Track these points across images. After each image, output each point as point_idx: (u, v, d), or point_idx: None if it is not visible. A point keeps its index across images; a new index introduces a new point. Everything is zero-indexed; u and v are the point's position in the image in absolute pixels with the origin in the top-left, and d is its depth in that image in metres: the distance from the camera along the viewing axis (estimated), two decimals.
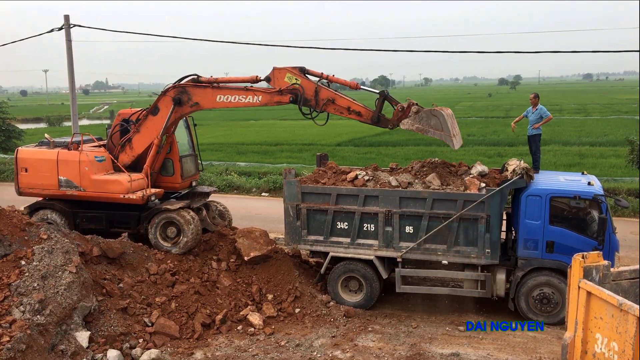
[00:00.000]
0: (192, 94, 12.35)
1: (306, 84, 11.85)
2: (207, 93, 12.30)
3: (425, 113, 11.15)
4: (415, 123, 11.18)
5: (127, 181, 12.18)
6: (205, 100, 12.35)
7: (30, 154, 12.81)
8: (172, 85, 12.57)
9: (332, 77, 12.00)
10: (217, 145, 39.17)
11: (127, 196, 12.17)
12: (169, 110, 12.41)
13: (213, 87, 12.31)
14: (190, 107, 12.46)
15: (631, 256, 14.24)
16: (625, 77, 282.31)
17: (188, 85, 12.39)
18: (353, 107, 11.73)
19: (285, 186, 12.20)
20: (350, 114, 11.76)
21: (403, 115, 11.41)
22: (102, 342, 9.54)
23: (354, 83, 12.28)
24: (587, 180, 11.53)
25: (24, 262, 9.71)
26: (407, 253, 11.56)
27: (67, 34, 19.73)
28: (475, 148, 35.46)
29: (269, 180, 24.83)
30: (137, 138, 12.78)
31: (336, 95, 11.79)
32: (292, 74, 11.87)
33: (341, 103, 11.75)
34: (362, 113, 11.73)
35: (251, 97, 12.13)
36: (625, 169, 24.60)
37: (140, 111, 13.03)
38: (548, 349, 9.99)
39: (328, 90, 11.85)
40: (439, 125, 11.04)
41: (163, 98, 12.51)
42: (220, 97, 12.25)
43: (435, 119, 11.04)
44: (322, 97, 11.75)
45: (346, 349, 10.07)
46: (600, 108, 70.95)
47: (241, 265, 12.32)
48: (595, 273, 6.91)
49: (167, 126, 12.54)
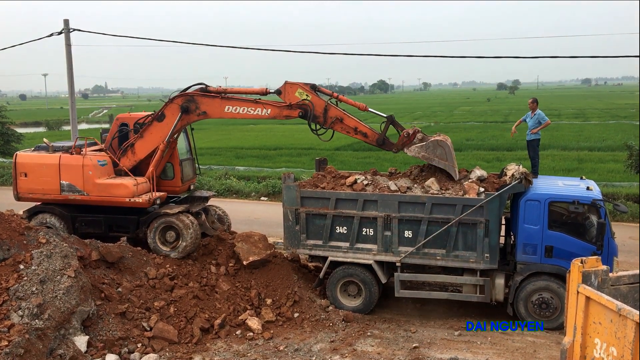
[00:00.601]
0: (200, 103, 12.40)
1: (316, 101, 12.07)
2: (216, 103, 12.37)
3: (432, 143, 11.69)
4: (422, 151, 11.71)
5: (133, 185, 12.17)
6: (214, 110, 12.42)
7: (30, 158, 12.72)
8: (180, 93, 12.62)
9: (342, 97, 12.44)
10: (216, 150, 39.16)
11: (134, 200, 12.15)
12: (175, 118, 12.45)
13: (222, 97, 12.39)
14: (198, 116, 12.50)
15: (630, 261, 14.25)
16: (624, 82, 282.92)
17: (196, 94, 12.45)
18: (360, 128, 12.11)
19: (285, 190, 12.21)
20: (356, 134, 12.14)
21: (408, 140, 11.92)
22: (100, 347, 9.52)
23: (363, 105, 12.54)
24: (585, 185, 11.56)
25: (23, 267, 9.70)
26: (406, 258, 11.57)
27: (66, 38, 19.78)
28: (474, 153, 35.46)
29: (268, 185, 24.84)
30: (140, 143, 12.78)
31: (345, 115, 12.08)
32: (303, 89, 12.09)
33: (349, 123, 12.08)
34: (368, 135, 12.13)
35: (260, 109, 12.23)
36: (624, 174, 24.62)
37: (146, 116, 13.03)
38: (547, 353, 9.98)
39: (337, 110, 12.12)
40: (444, 155, 11.70)
41: (170, 105, 12.53)
42: (228, 108, 12.33)
43: (440, 149, 11.68)
44: (330, 115, 12.03)
45: (345, 354, 10.06)
46: (598, 113, 71.07)
47: (240, 269, 12.32)
48: (594, 278, 6.91)
49: (172, 133, 12.57)
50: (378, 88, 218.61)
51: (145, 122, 12.81)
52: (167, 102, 12.66)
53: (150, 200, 12.27)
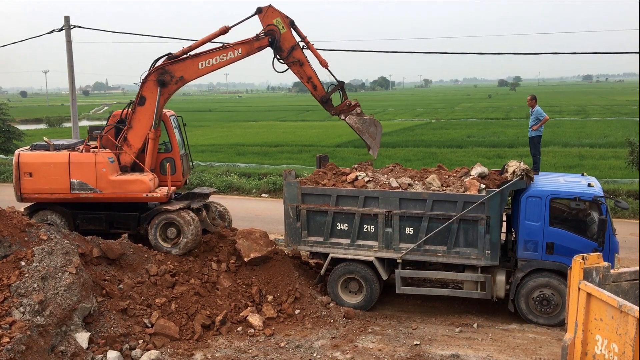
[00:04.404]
0: (174, 71, 12.33)
1: (288, 36, 12.26)
2: (188, 64, 12.33)
3: (369, 119, 12.65)
4: (358, 123, 12.56)
5: (149, 180, 12.14)
6: (189, 72, 12.36)
7: (35, 158, 12.32)
8: (150, 69, 12.46)
9: (311, 45, 12.54)
10: (216, 147, 39.18)
11: (151, 195, 12.11)
12: (155, 95, 12.35)
13: (192, 56, 12.32)
14: (176, 84, 12.43)
15: (631, 258, 14.24)
16: (625, 79, 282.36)
17: (166, 64, 12.36)
18: (313, 79, 12.46)
19: (286, 187, 12.20)
20: (308, 83, 12.51)
21: (347, 109, 12.53)
22: (101, 343, 9.54)
23: (325, 61, 12.60)
24: (587, 181, 11.55)
25: (24, 263, 9.71)
26: (407, 254, 11.57)
27: (67, 35, 19.74)
28: (475, 149, 35.47)
29: (269, 182, 24.85)
30: (131, 134, 12.67)
31: (306, 62, 12.42)
32: (282, 20, 12.20)
33: (306, 70, 12.41)
34: (317, 88, 12.53)
35: (232, 52, 12.27)
36: (625, 171, 24.59)
37: (127, 106, 12.82)
38: (548, 350, 9.98)
39: (302, 54, 12.38)
40: (375, 134, 12.68)
41: (145, 85, 12.41)
42: (202, 64, 12.30)
43: (374, 127, 12.67)
44: (294, 55, 12.31)
45: (346, 350, 10.07)
46: (600, 109, 70.99)
47: (241, 266, 12.33)
48: (595, 274, 6.92)
49: (158, 111, 12.45)
50: (379, 85, 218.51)
51: (127, 114, 12.67)
52: (142, 83, 12.47)
53: (168, 194, 12.24)
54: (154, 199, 12.22)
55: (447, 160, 27.79)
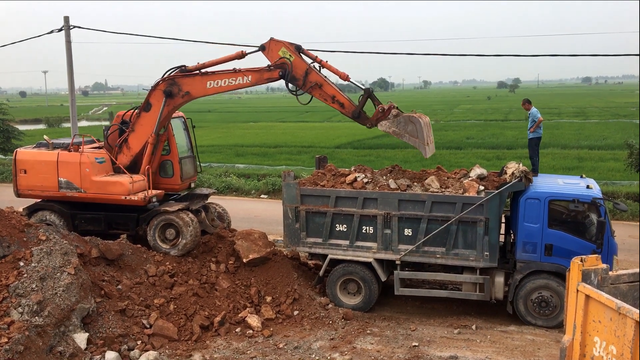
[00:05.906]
0: (182, 84, 12.35)
1: (298, 62, 11.87)
2: (197, 81, 12.33)
3: (403, 118, 11.41)
4: (392, 126, 11.47)
5: (129, 182, 12.18)
6: (196, 89, 12.37)
7: (29, 155, 12.80)
8: (161, 78, 12.53)
9: (325, 62, 12.06)
10: (216, 147, 39.15)
11: (129, 198, 12.16)
12: (161, 104, 12.40)
13: (202, 74, 12.31)
14: (182, 98, 12.43)
15: (629, 260, 14.25)
16: (624, 81, 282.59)
17: (177, 76, 12.40)
18: (338, 97, 11.85)
19: (285, 188, 12.20)
20: (333, 103, 11.87)
21: (382, 116, 11.62)
22: (100, 344, 9.53)
23: (345, 74, 12.13)
24: (585, 183, 11.56)
25: (23, 264, 9.70)
26: (406, 256, 11.57)
27: (66, 35, 19.74)
28: (474, 151, 35.46)
29: (268, 182, 24.85)
30: (133, 137, 12.76)
31: (325, 82, 11.90)
32: (287, 49, 11.89)
33: (327, 90, 11.88)
34: (345, 105, 11.86)
35: (241, 78, 12.15)
36: (624, 173, 24.61)
37: (132, 110, 13.01)
38: (546, 352, 9.98)
39: (318, 75, 11.93)
40: (414, 132, 11.33)
41: (154, 93, 12.49)
42: (210, 84, 12.28)
43: (412, 125, 11.33)
44: (310, 79, 11.83)
45: (344, 352, 10.07)
46: (599, 111, 71.01)
47: (240, 267, 12.32)
48: (593, 276, 6.92)
49: (160, 120, 12.50)
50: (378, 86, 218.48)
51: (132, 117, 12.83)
52: (150, 90, 12.58)
53: (145, 198, 12.27)
54: (132, 202, 12.24)
55: (446, 162, 27.78)
